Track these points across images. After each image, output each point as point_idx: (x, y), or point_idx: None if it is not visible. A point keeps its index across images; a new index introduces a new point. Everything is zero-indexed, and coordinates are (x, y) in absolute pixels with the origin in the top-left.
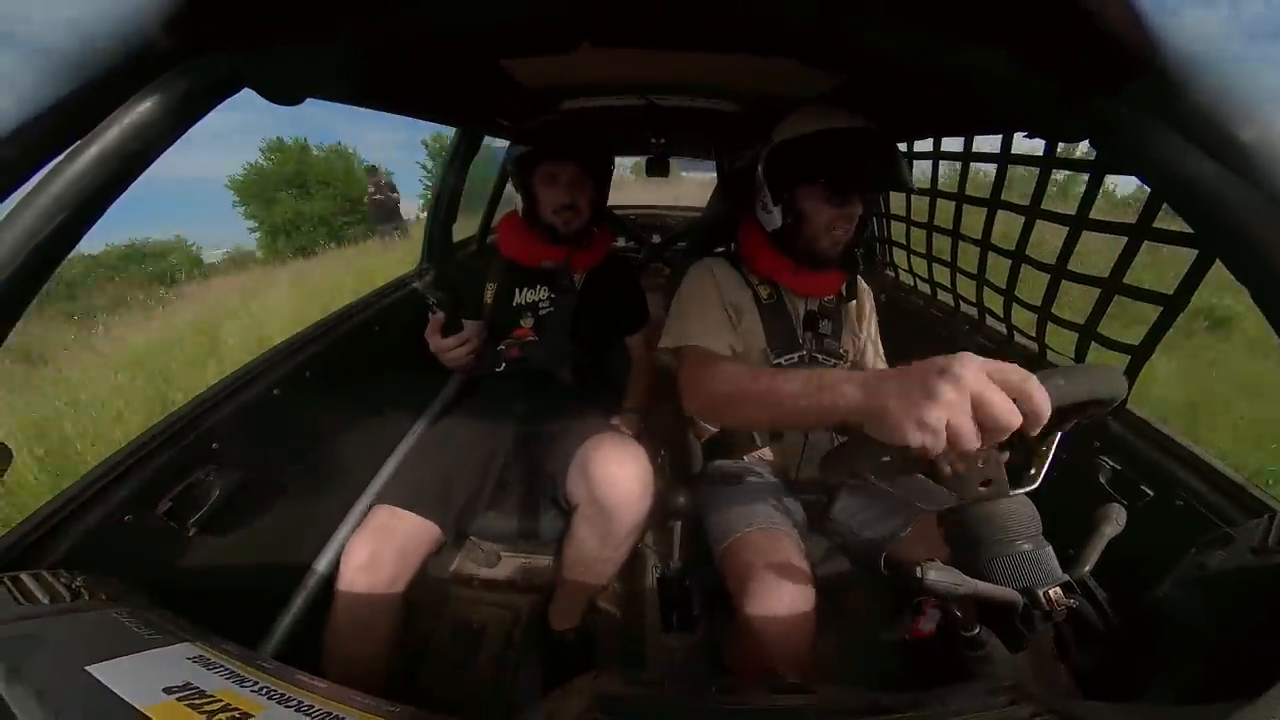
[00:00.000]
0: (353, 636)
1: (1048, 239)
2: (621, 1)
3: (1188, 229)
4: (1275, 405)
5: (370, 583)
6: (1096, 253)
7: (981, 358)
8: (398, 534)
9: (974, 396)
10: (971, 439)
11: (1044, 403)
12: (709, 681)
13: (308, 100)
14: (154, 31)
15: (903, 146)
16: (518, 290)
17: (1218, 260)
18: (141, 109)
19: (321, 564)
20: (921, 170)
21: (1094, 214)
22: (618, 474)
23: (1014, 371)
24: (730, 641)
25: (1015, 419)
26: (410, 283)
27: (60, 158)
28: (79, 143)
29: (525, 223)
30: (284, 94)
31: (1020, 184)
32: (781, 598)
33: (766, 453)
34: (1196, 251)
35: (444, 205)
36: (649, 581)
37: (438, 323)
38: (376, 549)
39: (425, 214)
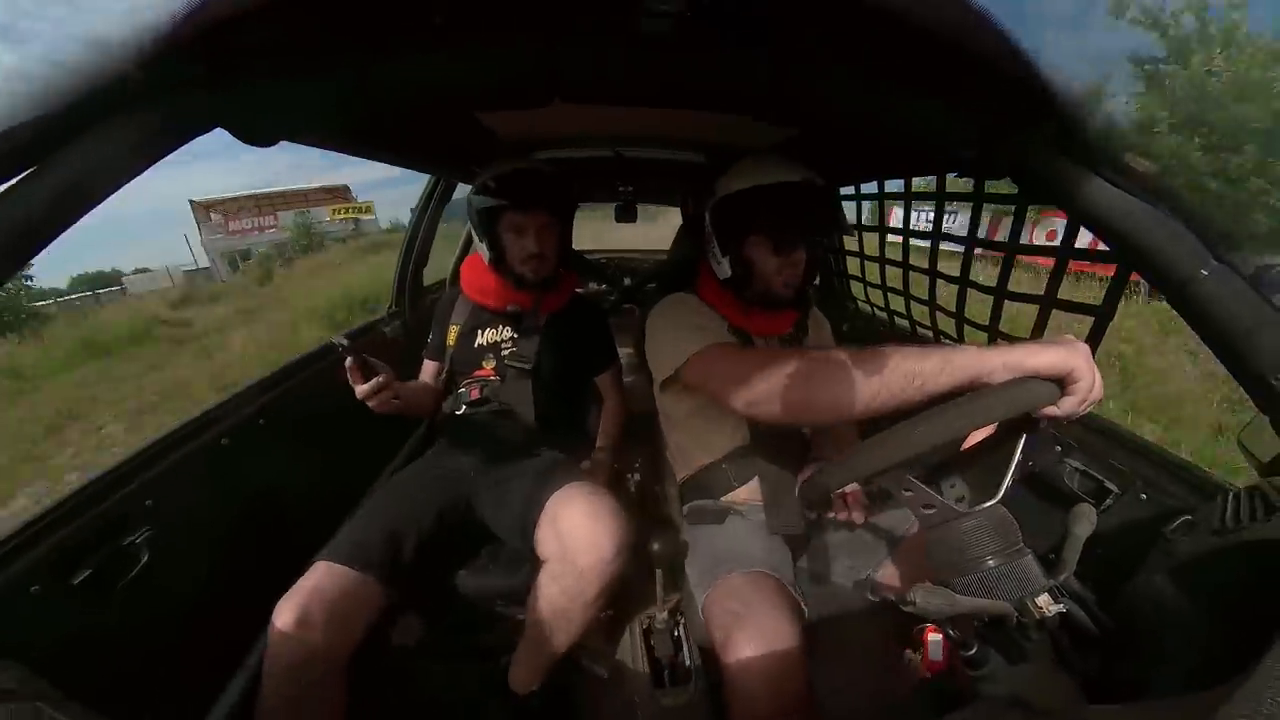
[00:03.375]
0: (285, 717)
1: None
2: (591, 62)
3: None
4: None
5: (301, 652)
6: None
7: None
8: (332, 594)
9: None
10: (1092, 394)
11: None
12: None
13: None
14: (129, 67)
15: (851, 189)
16: (480, 331)
17: None
18: (107, 142)
19: (265, 639)
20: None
21: None
22: (591, 529)
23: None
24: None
25: (1096, 393)
26: (379, 327)
27: (13, 182)
28: (34, 169)
29: (490, 268)
30: (257, 136)
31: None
32: (768, 641)
33: (743, 492)
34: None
35: (415, 250)
36: (633, 635)
37: (354, 369)
38: (307, 610)
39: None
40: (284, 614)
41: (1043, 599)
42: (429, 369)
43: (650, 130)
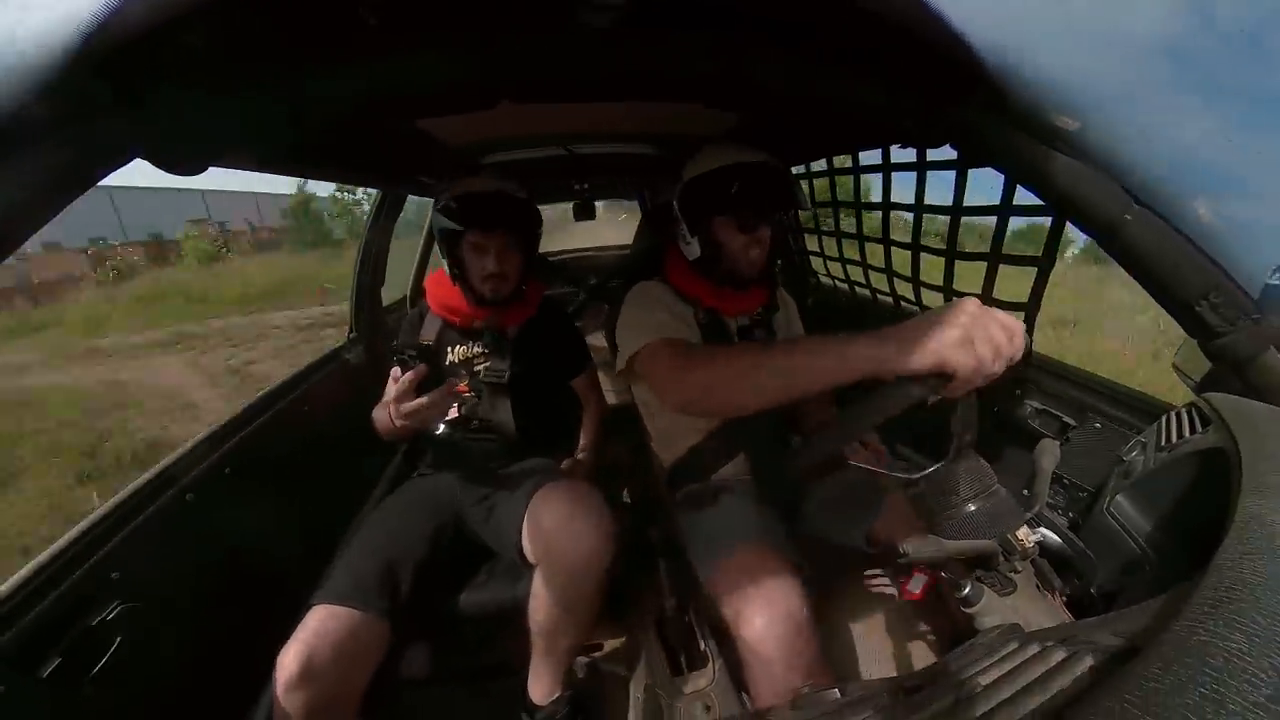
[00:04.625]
0: None
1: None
2: (535, 60)
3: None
4: None
5: (311, 700)
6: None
7: (972, 299)
8: (336, 636)
9: (984, 329)
10: (992, 364)
11: (1023, 334)
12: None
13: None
14: (27, 97)
15: (801, 168)
16: (450, 349)
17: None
18: (10, 183)
19: (267, 700)
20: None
21: None
22: (573, 524)
23: (997, 312)
24: (744, 667)
25: (1016, 346)
26: (342, 354)
27: None
28: None
29: (453, 284)
30: (182, 164)
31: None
32: (777, 610)
33: (730, 468)
34: (1050, 219)
35: (370, 268)
36: (645, 628)
37: (419, 376)
38: (313, 654)
39: None
40: (288, 663)
41: (1021, 532)
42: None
43: (601, 125)
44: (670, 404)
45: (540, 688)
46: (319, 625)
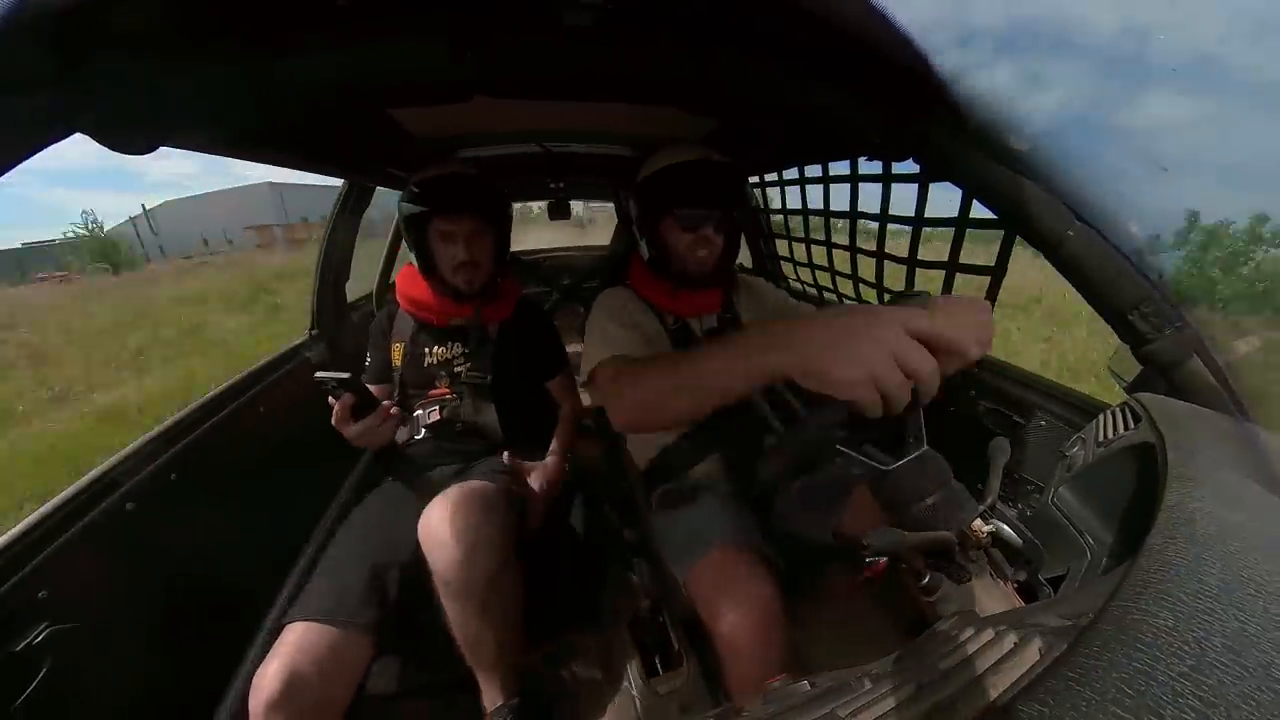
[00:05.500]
0: None
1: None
2: (512, 55)
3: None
4: None
5: (292, 718)
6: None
7: (891, 308)
8: (319, 651)
9: (895, 352)
10: (900, 393)
11: (927, 369)
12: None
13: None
14: None
15: (774, 175)
16: (428, 350)
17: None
18: None
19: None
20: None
21: None
22: (453, 525)
23: (920, 317)
24: (719, 665)
25: (928, 374)
26: (302, 352)
27: None
28: None
29: (425, 280)
30: (128, 143)
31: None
32: (752, 607)
33: (704, 466)
34: (1003, 232)
35: (334, 263)
36: (618, 632)
37: (345, 406)
38: (294, 672)
39: None
40: (267, 683)
41: (976, 524)
42: (375, 392)
43: (578, 124)
44: (617, 426)
45: (487, 699)
46: (300, 641)
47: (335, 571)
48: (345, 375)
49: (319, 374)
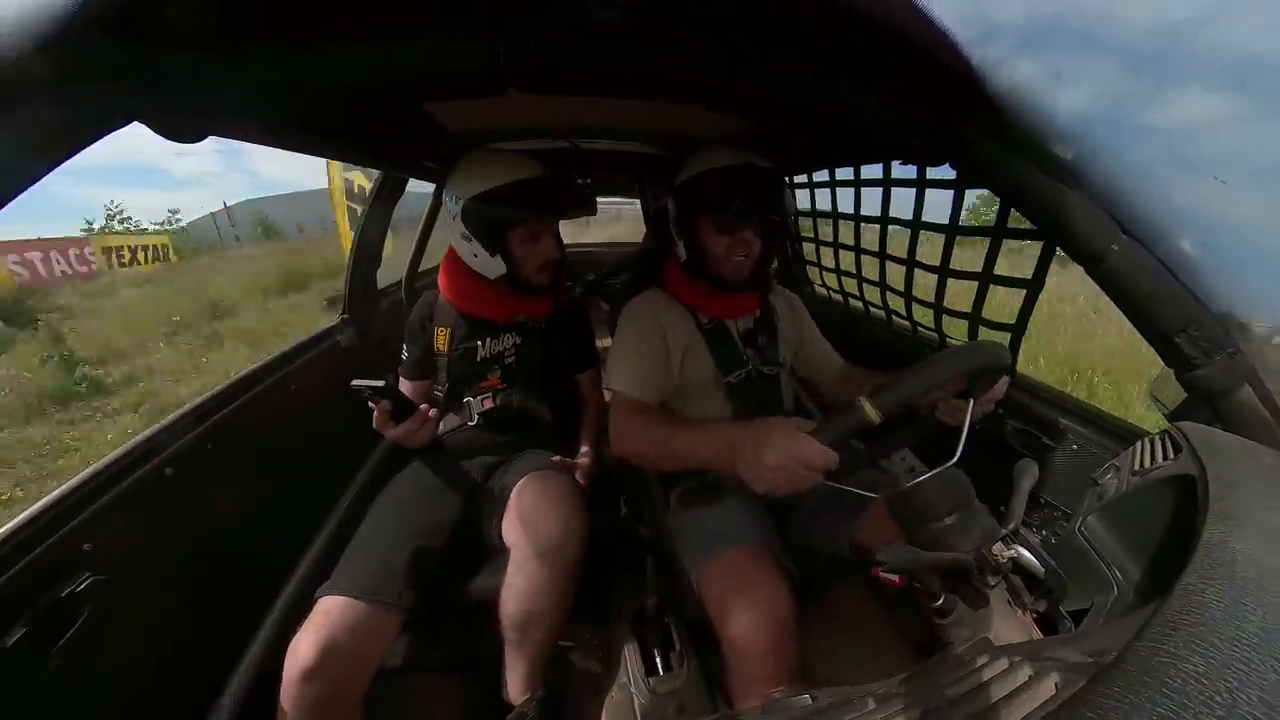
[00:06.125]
0: None
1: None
2: (545, 51)
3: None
4: None
5: (323, 692)
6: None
7: (785, 434)
8: (353, 626)
9: (775, 466)
10: (782, 489)
11: (819, 460)
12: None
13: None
14: (27, 55)
15: (804, 177)
16: (481, 343)
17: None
18: (5, 140)
19: (238, 679)
20: (823, 196)
21: None
22: (545, 511)
23: (803, 445)
24: (723, 668)
25: (801, 482)
26: (334, 335)
27: None
28: None
29: (479, 276)
30: (181, 132)
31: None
32: (764, 612)
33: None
34: (1042, 243)
35: (366, 252)
36: (621, 629)
37: (385, 412)
38: (329, 645)
39: None
40: (302, 653)
41: (996, 547)
42: (415, 388)
43: (607, 121)
44: (615, 452)
45: (514, 685)
46: (336, 615)
47: (373, 550)
48: (379, 384)
49: (355, 382)
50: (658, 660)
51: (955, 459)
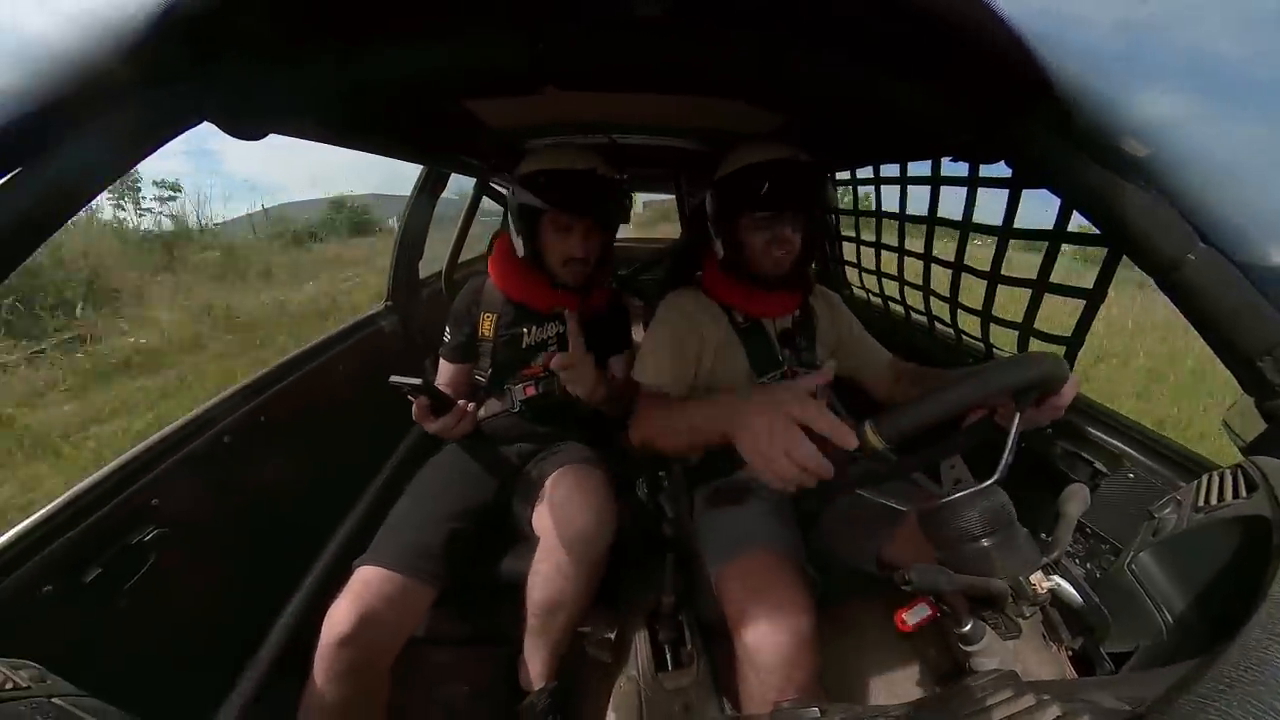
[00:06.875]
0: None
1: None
2: (583, 47)
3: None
4: None
5: (356, 659)
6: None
7: (803, 401)
8: (389, 598)
9: (786, 448)
10: (796, 482)
11: (813, 463)
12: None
13: None
14: (112, 59)
15: (846, 174)
16: (526, 331)
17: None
18: (94, 138)
19: (275, 635)
20: (865, 194)
21: None
22: (576, 500)
23: (802, 403)
24: (733, 672)
25: (815, 467)
26: (377, 321)
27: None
28: (20, 170)
29: (526, 265)
30: (245, 129)
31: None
32: (783, 619)
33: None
34: (1106, 250)
35: (410, 242)
36: (635, 623)
37: (424, 406)
38: (365, 615)
39: None
40: (338, 620)
41: (1035, 576)
42: (455, 371)
43: (645, 116)
44: (633, 441)
45: (532, 669)
46: (374, 585)
47: (413, 527)
48: (417, 381)
49: (394, 379)
50: (668, 656)
51: (996, 476)
